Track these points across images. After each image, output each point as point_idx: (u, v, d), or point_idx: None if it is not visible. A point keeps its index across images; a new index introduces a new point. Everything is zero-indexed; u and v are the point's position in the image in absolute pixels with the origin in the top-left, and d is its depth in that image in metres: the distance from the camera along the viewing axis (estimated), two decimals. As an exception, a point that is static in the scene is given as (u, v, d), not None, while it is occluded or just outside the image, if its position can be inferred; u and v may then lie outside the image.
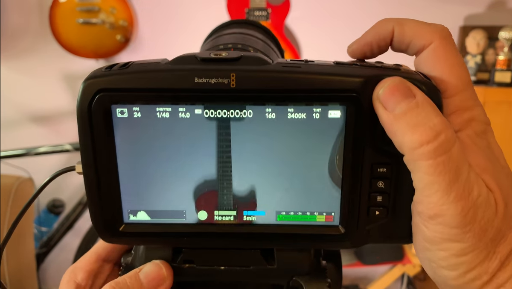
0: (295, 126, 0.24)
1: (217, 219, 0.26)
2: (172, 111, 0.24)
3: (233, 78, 0.22)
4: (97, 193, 0.25)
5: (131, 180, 0.25)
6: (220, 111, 0.24)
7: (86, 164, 0.24)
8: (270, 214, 0.26)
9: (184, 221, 0.26)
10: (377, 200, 0.25)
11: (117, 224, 0.26)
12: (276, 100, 0.23)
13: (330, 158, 0.25)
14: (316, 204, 0.26)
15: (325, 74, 0.23)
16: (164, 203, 0.26)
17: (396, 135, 0.22)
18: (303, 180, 0.25)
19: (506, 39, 1.33)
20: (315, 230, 0.26)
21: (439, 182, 0.21)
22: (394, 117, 0.21)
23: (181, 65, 0.23)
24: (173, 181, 0.25)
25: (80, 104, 0.23)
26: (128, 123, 0.24)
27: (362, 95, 0.23)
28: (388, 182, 0.24)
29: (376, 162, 0.24)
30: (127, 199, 0.26)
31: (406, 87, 0.22)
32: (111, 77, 0.23)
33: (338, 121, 0.24)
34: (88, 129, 0.24)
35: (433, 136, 0.20)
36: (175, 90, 0.23)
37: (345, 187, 0.25)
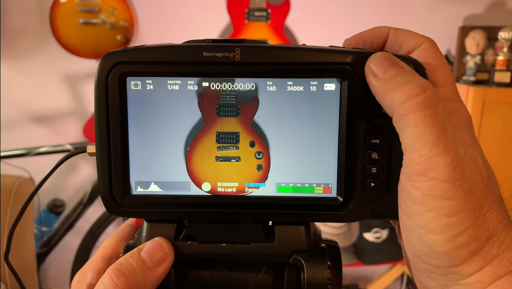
0: (294, 98, 0.26)
1: (220, 190, 0.28)
2: (181, 84, 0.26)
3: (238, 52, 0.25)
4: (107, 162, 0.27)
5: (140, 152, 0.27)
6: (225, 84, 0.26)
7: (100, 134, 0.26)
8: (271, 185, 0.28)
9: (189, 193, 0.28)
10: (371, 171, 0.26)
11: (123, 196, 0.27)
12: (276, 73, 0.26)
13: (327, 129, 0.27)
14: (315, 175, 0.27)
15: (321, 51, 0.26)
16: (170, 175, 0.28)
17: (386, 96, 0.24)
18: (301, 151, 0.27)
19: (506, 39, 1.33)
20: (314, 201, 0.27)
21: (428, 133, 0.22)
22: (385, 80, 0.24)
23: (192, 43, 0.26)
24: (179, 152, 0.27)
25: (98, 75, 0.26)
26: (141, 95, 0.26)
27: (355, 68, 0.26)
28: (381, 153, 0.26)
29: (369, 133, 0.26)
30: (135, 170, 0.27)
31: (394, 59, 0.24)
32: (128, 52, 0.26)
33: (333, 93, 0.26)
34: (103, 100, 0.26)
35: (420, 91, 0.22)
36: (185, 63, 0.26)
37: (341, 158, 0.27)
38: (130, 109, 0.27)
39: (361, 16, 1.54)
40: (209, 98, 0.27)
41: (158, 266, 0.27)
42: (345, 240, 1.54)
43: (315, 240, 0.29)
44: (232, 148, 0.27)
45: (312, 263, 0.27)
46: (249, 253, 0.28)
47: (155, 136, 0.27)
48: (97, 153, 0.27)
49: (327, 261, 0.28)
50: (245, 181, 0.28)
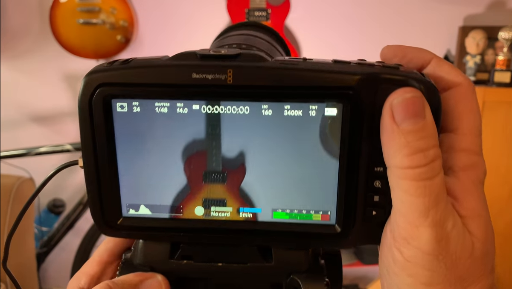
0: (292, 123, 0.24)
1: (213, 215, 0.26)
2: (170, 106, 0.24)
3: (230, 74, 0.23)
4: (96, 185, 0.25)
5: (130, 174, 0.26)
6: (217, 107, 0.24)
7: (87, 157, 0.25)
8: (266, 211, 0.26)
9: (181, 216, 0.26)
10: (373, 200, 0.25)
11: (115, 217, 0.26)
12: (272, 97, 0.24)
13: (327, 155, 0.25)
14: (312, 202, 0.26)
15: (321, 72, 0.23)
16: (162, 198, 0.26)
17: (390, 148, 0.22)
18: (299, 177, 0.25)
19: (506, 39, 1.33)
20: (311, 228, 0.26)
21: (418, 203, 0.21)
22: (398, 131, 0.21)
23: (180, 61, 0.24)
24: (171, 175, 0.26)
25: (82, 97, 0.24)
26: (128, 117, 0.25)
27: (359, 93, 0.23)
28: (385, 182, 0.24)
29: (372, 160, 0.24)
30: (125, 193, 0.26)
31: (421, 105, 0.22)
32: (112, 72, 0.24)
33: (334, 119, 0.24)
34: (88, 123, 0.24)
35: (423, 164, 0.21)
36: (173, 86, 0.24)
37: (342, 186, 0.25)
38: (117, 132, 0.25)
39: (361, 16, 1.54)
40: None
41: None
42: (345, 240, 1.54)
43: (314, 257, 0.28)
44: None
45: (310, 284, 0.27)
46: (246, 273, 0.27)
47: (146, 159, 0.25)
48: (86, 176, 0.25)
49: (324, 279, 0.27)
50: (239, 206, 0.26)
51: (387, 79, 0.23)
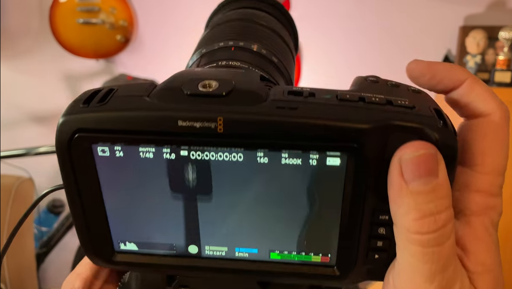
0: (290, 172, 0.22)
1: (208, 254, 0.25)
2: (156, 151, 0.22)
3: (221, 122, 0.20)
4: (85, 225, 0.24)
5: (119, 214, 0.24)
6: (208, 154, 0.22)
7: (72, 201, 0.23)
8: (263, 251, 0.25)
9: (174, 253, 0.25)
10: (377, 244, 0.23)
11: (108, 253, 0.25)
12: (268, 147, 0.21)
13: (328, 202, 0.23)
14: (312, 245, 0.24)
15: (324, 119, 0.20)
16: (153, 236, 0.25)
17: (398, 207, 0.20)
18: (298, 222, 0.24)
19: (506, 39, 1.33)
20: (309, 269, 0.25)
21: (423, 268, 0.20)
22: (406, 191, 0.19)
23: (165, 102, 0.21)
24: (161, 216, 0.24)
25: (59, 142, 0.21)
26: (111, 162, 0.22)
27: (366, 144, 0.20)
28: (390, 229, 0.22)
29: (378, 208, 0.22)
30: (116, 231, 0.25)
31: (434, 163, 0.19)
32: (89, 115, 0.21)
33: (337, 169, 0.22)
34: (69, 168, 0.22)
35: (433, 230, 0.19)
36: (158, 133, 0.21)
37: (343, 231, 0.23)
38: (100, 175, 0.23)
39: (361, 15, 1.54)
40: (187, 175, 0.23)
41: None
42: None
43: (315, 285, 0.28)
44: None
45: None
46: None
47: (134, 200, 0.24)
48: (72, 215, 0.24)
49: None
50: (235, 246, 0.25)
51: (399, 126, 0.20)
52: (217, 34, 0.34)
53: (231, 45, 0.31)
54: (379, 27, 1.54)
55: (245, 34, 0.33)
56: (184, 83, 0.21)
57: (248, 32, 0.33)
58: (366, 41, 1.55)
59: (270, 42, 0.33)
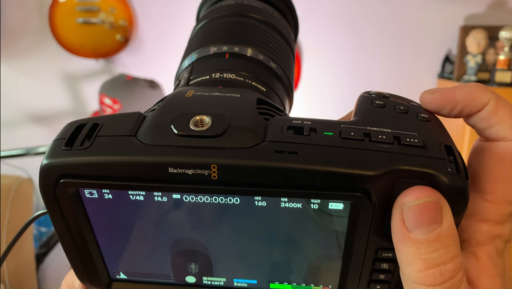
0: (290, 214, 0.20)
1: (206, 283, 0.24)
2: (146, 195, 0.21)
3: (215, 170, 0.18)
4: (79, 260, 0.23)
5: (113, 248, 0.23)
6: (202, 197, 0.20)
7: (63, 238, 0.22)
8: (262, 282, 0.24)
9: (172, 282, 0.24)
10: (379, 277, 0.22)
11: (105, 283, 0.25)
12: (266, 194, 0.20)
13: (330, 241, 0.22)
14: (313, 277, 0.23)
15: (326, 165, 0.18)
16: (149, 267, 0.24)
17: (401, 255, 0.19)
18: (298, 257, 0.23)
19: (507, 39, 1.32)
20: None
21: None
22: (409, 239, 0.18)
23: (154, 145, 0.19)
24: (156, 251, 0.23)
25: (43, 188, 0.20)
26: (100, 203, 0.21)
27: (370, 192, 0.19)
28: (394, 264, 0.21)
29: (381, 246, 0.21)
30: (111, 263, 0.24)
31: (437, 211, 0.18)
32: (73, 160, 0.19)
33: (340, 212, 0.20)
34: (57, 211, 0.21)
35: (439, 282, 0.18)
36: (147, 180, 0.19)
37: (346, 266, 0.22)
38: (90, 215, 0.22)
39: (361, 15, 1.54)
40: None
41: None
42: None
43: None
44: None
45: None
46: None
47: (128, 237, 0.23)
48: (65, 251, 0.23)
49: None
50: (234, 277, 0.24)
51: (407, 171, 0.18)
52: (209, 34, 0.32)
53: (225, 51, 0.30)
54: (380, 27, 1.54)
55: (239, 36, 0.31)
56: (174, 119, 0.20)
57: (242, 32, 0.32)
58: (366, 41, 1.54)
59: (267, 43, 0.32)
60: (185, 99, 0.22)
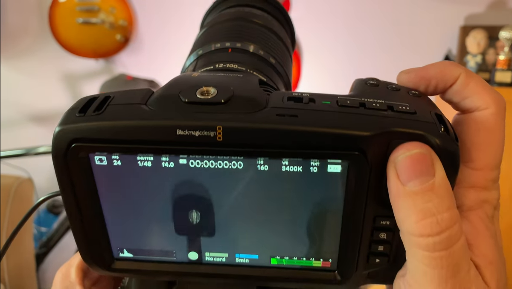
0: (291, 179, 0.22)
1: (208, 260, 0.25)
2: (154, 160, 0.22)
3: (220, 131, 0.20)
4: (83, 233, 0.24)
5: (118, 222, 0.24)
6: (207, 162, 0.22)
7: (69, 210, 0.23)
8: (263, 257, 0.25)
9: (174, 260, 0.25)
10: (378, 249, 0.23)
11: (107, 261, 0.25)
12: (268, 155, 0.21)
13: (329, 208, 0.23)
14: (313, 250, 0.24)
15: (325, 127, 0.20)
16: (153, 244, 0.25)
17: (399, 211, 0.19)
18: (298, 227, 0.24)
19: (507, 39, 1.32)
20: (310, 274, 0.25)
21: (433, 274, 0.19)
22: (404, 192, 0.19)
23: (163, 111, 0.21)
24: (160, 224, 0.24)
25: (55, 152, 0.21)
26: (108, 170, 0.22)
27: (367, 152, 0.20)
28: (391, 234, 0.22)
29: (379, 214, 0.22)
30: (115, 239, 0.25)
31: (429, 161, 0.19)
32: (85, 125, 0.21)
33: (338, 176, 0.21)
34: (66, 177, 0.22)
35: (436, 232, 0.18)
36: (156, 142, 0.21)
37: (344, 237, 0.23)
38: (98, 185, 0.23)
39: (361, 15, 1.54)
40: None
41: None
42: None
43: None
44: None
45: None
46: None
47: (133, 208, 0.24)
48: (70, 223, 0.23)
49: None
50: (236, 252, 0.25)
51: (400, 133, 0.20)
52: (213, 35, 0.33)
53: (228, 47, 0.31)
54: (380, 27, 1.54)
55: (241, 34, 0.33)
56: (182, 90, 0.21)
57: (244, 32, 0.33)
58: (366, 42, 1.55)
59: (267, 42, 0.33)
60: (192, 77, 0.24)
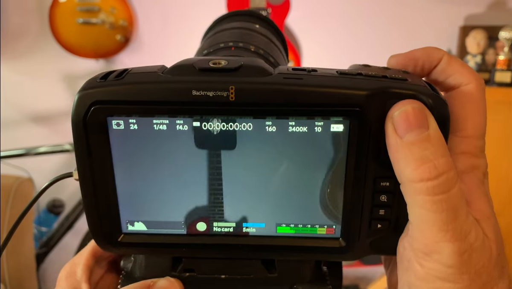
0: (296, 140, 0.24)
1: (216, 230, 0.26)
2: (169, 123, 0.23)
3: (232, 91, 0.22)
4: (94, 203, 0.25)
5: (129, 191, 0.25)
6: (219, 124, 0.23)
7: (83, 176, 0.24)
8: (270, 225, 0.26)
9: (183, 232, 0.26)
10: (379, 213, 0.24)
11: (115, 234, 0.26)
12: (277, 114, 0.23)
13: (333, 170, 0.24)
14: (317, 216, 0.25)
15: (327, 87, 0.22)
16: (162, 214, 0.26)
17: (398, 163, 0.21)
18: (304, 193, 0.25)
19: (506, 39, 1.32)
20: (315, 242, 0.26)
21: (435, 218, 0.20)
22: (402, 144, 0.21)
23: (178, 76, 0.22)
24: (171, 192, 0.25)
25: (75, 116, 0.22)
26: (125, 135, 0.23)
27: (366, 109, 0.22)
28: (391, 196, 0.24)
29: (379, 175, 0.24)
30: (125, 210, 0.25)
31: (423, 115, 0.21)
32: (106, 88, 0.22)
33: (341, 135, 0.23)
34: (83, 141, 0.23)
35: (434, 175, 0.20)
36: (172, 103, 0.22)
37: (347, 200, 0.25)
38: (113, 150, 0.24)
39: (361, 15, 1.54)
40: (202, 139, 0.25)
41: None
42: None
43: (317, 267, 0.28)
44: None
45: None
46: (249, 286, 0.27)
47: (145, 175, 0.25)
48: (82, 192, 0.24)
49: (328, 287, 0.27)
50: (243, 221, 0.26)
51: (395, 93, 0.22)
52: (217, 39, 0.35)
53: (231, 45, 0.33)
54: (379, 28, 1.54)
55: (243, 38, 0.35)
56: (195, 62, 0.23)
57: (246, 36, 0.35)
58: (366, 42, 1.55)
59: (266, 46, 0.35)
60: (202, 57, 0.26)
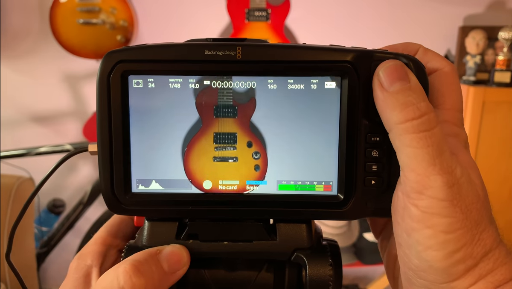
0: (295, 96, 0.27)
1: (221, 188, 0.28)
2: (183, 82, 0.27)
3: (239, 50, 0.26)
4: (109, 160, 0.27)
5: (141, 150, 0.28)
6: (227, 82, 0.27)
7: (101, 131, 0.27)
8: (271, 183, 0.28)
9: (190, 191, 0.28)
10: (372, 169, 0.27)
11: (125, 194, 0.28)
12: (278, 71, 0.27)
13: (327, 128, 0.27)
14: (315, 173, 0.28)
15: (321, 49, 0.26)
16: (170, 173, 0.28)
17: (385, 111, 0.24)
18: (302, 149, 0.27)
19: (506, 39, 1.33)
20: (314, 198, 0.28)
21: (423, 154, 0.23)
22: (388, 94, 0.24)
23: (193, 42, 0.27)
24: (177, 151, 0.28)
25: (101, 74, 0.26)
26: (143, 93, 0.27)
27: (356, 67, 0.26)
28: (382, 151, 0.27)
29: (370, 131, 0.27)
30: (136, 168, 0.28)
31: (404, 71, 0.25)
32: (130, 51, 0.26)
33: (333, 92, 0.27)
34: (105, 98, 0.26)
35: (418, 115, 0.23)
36: (186, 62, 0.26)
37: (342, 156, 0.27)
38: (131, 108, 0.27)
39: (361, 16, 1.54)
40: (207, 99, 0.27)
41: (173, 273, 0.27)
42: (345, 240, 1.54)
43: (317, 238, 0.29)
44: (229, 148, 0.28)
45: (314, 260, 0.28)
46: (251, 251, 0.28)
47: (155, 134, 0.27)
48: (99, 151, 0.27)
49: (328, 258, 0.28)
50: (246, 179, 0.28)
51: (379, 56, 0.26)
52: None
53: None
54: (379, 28, 1.54)
55: None
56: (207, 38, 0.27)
57: None
58: (365, 42, 1.55)
59: None
60: None
